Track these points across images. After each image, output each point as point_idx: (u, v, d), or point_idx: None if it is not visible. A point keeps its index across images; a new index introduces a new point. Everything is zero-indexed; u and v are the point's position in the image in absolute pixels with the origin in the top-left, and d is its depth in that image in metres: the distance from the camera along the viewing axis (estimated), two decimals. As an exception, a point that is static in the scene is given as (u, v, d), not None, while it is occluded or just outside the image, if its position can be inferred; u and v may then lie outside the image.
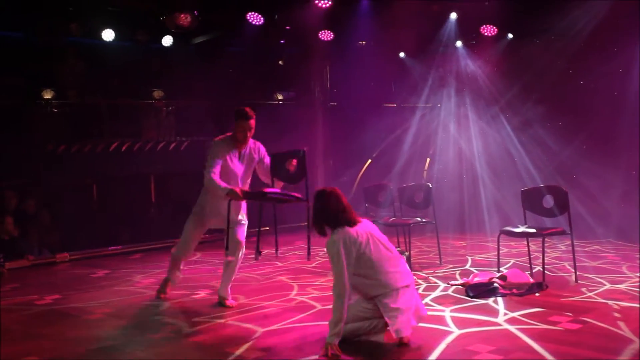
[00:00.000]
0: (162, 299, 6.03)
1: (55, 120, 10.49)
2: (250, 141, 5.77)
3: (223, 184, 5.46)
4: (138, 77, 11.22)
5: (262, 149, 5.93)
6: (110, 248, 9.22)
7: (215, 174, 5.53)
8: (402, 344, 4.35)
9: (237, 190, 5.39)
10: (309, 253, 5.40)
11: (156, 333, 4.87)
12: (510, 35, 10.65)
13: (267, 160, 5.88)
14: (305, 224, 5.11)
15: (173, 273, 6.12)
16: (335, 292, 4.29)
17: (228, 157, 5.67)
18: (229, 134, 5.80)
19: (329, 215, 4.46)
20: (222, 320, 5.19)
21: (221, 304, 5.60)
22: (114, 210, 10.59)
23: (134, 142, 11.06)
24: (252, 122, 5.65)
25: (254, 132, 5.74)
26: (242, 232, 5.77)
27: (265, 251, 5.72)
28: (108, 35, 9.96)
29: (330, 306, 5.04)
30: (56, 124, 10.48)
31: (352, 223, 4.43)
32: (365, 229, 4.46)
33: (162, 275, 7.31)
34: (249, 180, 5.87)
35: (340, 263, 4.27)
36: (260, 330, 4.84)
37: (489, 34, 10.53)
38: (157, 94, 11.58)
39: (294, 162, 5.63)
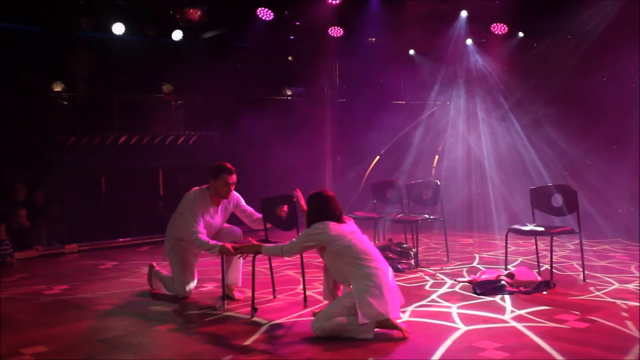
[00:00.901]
0: (155, 291, 6.04)
1: (65, 113, 10.55)
2: None
3: (212, 242, 5.35)
4: (147, 71, 11.24)
5: (237, 197, 5.78)
6: (118, 240, 9.27)
7: (202, 233, 5.40)
8: (402, 337, 4.39)
9: (229, 246, 5.23)
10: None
11: (163, 325, 4.89)
12: (520, 34, 10.61)
13: (244, 204, 5.78)
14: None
15: (160, 285, 6.05)
16: (282, 249, 4.80)
17: (207, 214, 5.55)
18: (204, 186, 5.63)
19: (323, 217, 4.71)
20: (229, 313, 5.20)
21: (229, 296, 5.60)
22: (123, 203, 10.64)
23: (142, 136, 11.11)
24: (235, 176, 5.54)
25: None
26: (233, 228, 5.80)
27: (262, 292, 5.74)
28: (118, 29, 9.98)
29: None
30: (66, 116, 10.54)
31: (339, 220, 4.75)
32: (350, 229, 4.72)
33: (169, 268, 7.35)
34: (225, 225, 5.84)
35: (302, 241, 4.70)
36: (266, 323, 4.85)
37: (500, 33, 10.49)
38: (167, 88, 11.61)
39: (285, 208, 5.47)
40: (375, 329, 4.47)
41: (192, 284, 5.81)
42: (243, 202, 5.83)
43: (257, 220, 5.80)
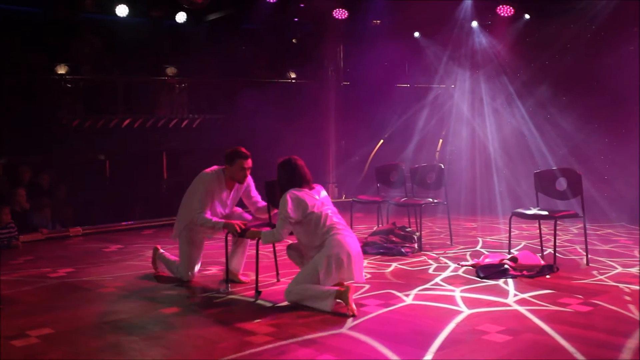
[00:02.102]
0: (160, 274, 6.04)
1: (69, 95, 10.55)
2: None
3: (215, 219, 5.37)
4: (151, 54, 11.22)
5: (249, 180, 5.73)
6: (122, 223, 9.30)
7: (207, 213, 5.40)
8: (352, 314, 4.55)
9: (236, 224, 5.25)
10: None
11: (167, 308, 4.91)
12: (527, 16, 10.52)
13: (253, 189, 5.75)
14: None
15: (164, 268, 6.04)
16: (274, 235, 4.91)
17: (219, 197, 5.53)
18: (216, 167, 5.59)
19: (294, 182, 4.94)
20: (233, 296, 5.23)
21: (233, 280, 5.62)
22: (127, 186, 10.68)
23: (146, 119, 11.11)
24: (250, 160, 5.51)
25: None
26: (244, 213, 5.78)
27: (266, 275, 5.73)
28: (122, 11, 9.95)
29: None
30: (70, 99, 10.54)
31: (308, 188, 4.96)
32: (314, 197, 4.90)
33: (174, 251, 7.38)
34: (231, 210, 5.78)
35: (283, 214, 4.80)
36: (270, 306, 4.88)
37: (506, 15, 10.41)
38: (170, 70, 11.60)
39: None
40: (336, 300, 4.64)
41: (196, 268, 5.82)
42: (253, 187, 5.80)
43: (261, 209, 5.79)
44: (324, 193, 5.06)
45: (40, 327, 4.43)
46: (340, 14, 10.96)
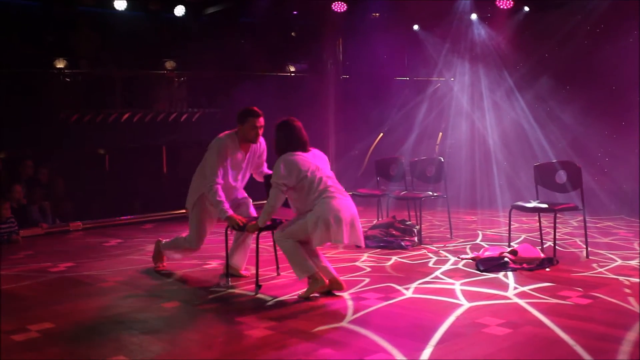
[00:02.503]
0: (160, 269, 6.01)
1: (68, 89, 10.53)
2: None
3: (226, 206, 5.30)
4: (150, 48, 11.19)
5: (264, 145, 5.70)
6: (122, 218, 9.31)
7: (220, 184, 5.35)
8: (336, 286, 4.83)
9: (238, 220, 5.21)
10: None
11: (168, 302, 4.92)
12: (526, 8, 10.50)
13: (265, 157, 5.71)
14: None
15: (171, 254, 6.01)
16: (270, 205, 4.89)
17: (234, 159, 5.48)
18: (232, 130, 5.53)
19: (290, 144, 4.96)
20: (234, 290, 5.23)
21: (235, 275, 5.61)
22: (126, 181, 10.67)
23: (145, 113, 11.08)
24: (262, 119, 5.46)
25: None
26: (251, 208, 5.74)
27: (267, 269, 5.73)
28: (120, 4, 9.92)
29: (341, 278, 5.13)
30: (68, 93, 10.52)
31: (303, 151, 4.97)
32: (310, 160, 4.91)
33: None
34: (248, 175, 5.74)
35: (276, 181, 4.82)
36: (271, 300, 4.89)
37: (505, 7, 10.39)
38: (169, 64, 11.57)
39: None
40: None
41: (204, 238, 5.75)
42: (265, 155, 5.71)
43: (263, 174, 5.72)
44: (320, 156, 5.06)
45: (41, 321, 4.44)
46: (339, 7, 10.94)
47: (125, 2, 9.90)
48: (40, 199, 8.81)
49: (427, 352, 3.70)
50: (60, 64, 10.45)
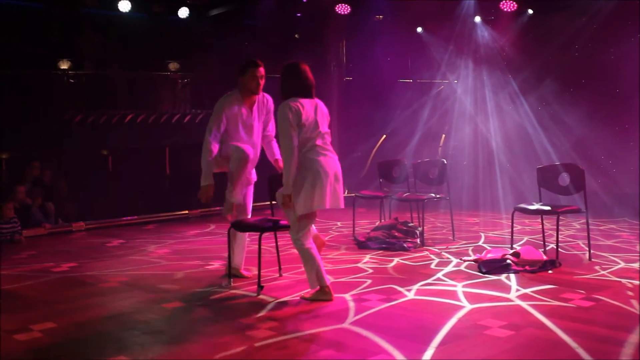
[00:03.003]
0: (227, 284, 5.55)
1: (72, 91, 10.55)
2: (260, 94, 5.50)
3: (210, 168, 5.34)
4: (154, 49, 11.20)
5: (271, 103, 5.63)
6: (125, 218, 9.32)
7: (216, 138, 5.34)
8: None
9: (207, 196, 5.27)
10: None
11: (170, 303, 4.92)
12: (530, 11, 10.49)
13: (272, 118, 5.61)
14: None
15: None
16: (284, 155, 4.79)
17: (240, 115, 5.40)
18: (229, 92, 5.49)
19: (297, 89, 4.89)
20: (236, 291, 5.24)
21: (236, 274, 5.61)
22: (129, 181, 10.68)
23: (149, 114, 11.10)
24: (263, 69, 5.42)
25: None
26: (250, 199, 5.67)
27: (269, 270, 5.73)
28: (124, 6, 9.94)
29: (343, 279, 5.12)
30: (72, 95, 10.54)
31: (307, 96, 4.91)
32: (307, 110, 4.84)
33: (176, 246, 7.41)
34: (259, 136, 5.60)
35: (286, 125, 4.74)
36: (272, 301, 4.89)
37: (509, 10, 10.38)
38: (173, 66, 11.58)
39: None
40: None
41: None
42: (272, 116, 5.59)
43: (269, 143, 5.65)
44: (321, 109, 5.00)
45: (43, 321, 4.45)
46: (342, 9, 10.94)
47: (129, 3, 9.92)
48: (40, 199, 8.82)
49: (428, 353, 3.70)
50: (64, 65, 10.47)
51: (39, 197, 8.82)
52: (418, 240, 7.05)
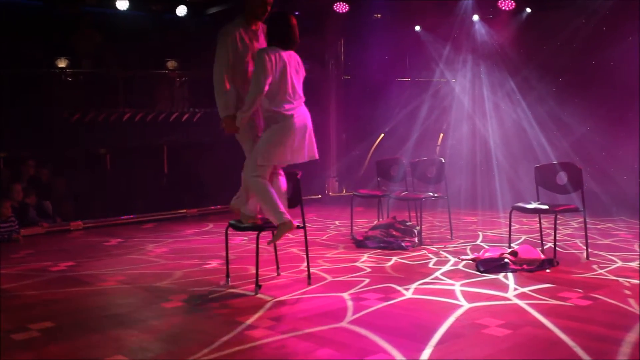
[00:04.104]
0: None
1: (70, 89, 10.53)
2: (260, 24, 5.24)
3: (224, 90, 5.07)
4: (152, 47, 11.19)
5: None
6: (123, 217, 9.31)
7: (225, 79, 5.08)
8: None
9: (228, 123, 5.06)
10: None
11: (167, 302, 4.92)
12: (528, 10, 10.50)
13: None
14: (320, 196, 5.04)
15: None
16: (251, 91, 4.88)
17: (250, 49, 5.12)
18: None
19: (281, 40, 4.97)
20: (233, 290, 5.24)
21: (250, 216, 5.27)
22: (127, 180, 10.67)
23: (147, 113, 11.09)
24: None
25: None
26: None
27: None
28: (122, 4, 9.93)
29: (341, 278, 5.12)
30: (70, 93, 10.52)
31: (288, 48, 5.00)
32: (284, 61, 4.92)
33: (174, 245, 7.41)
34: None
35: (260, 69, 4.83)
36: (271, 300, 4.89)
37: (507, 8, 10.39)
38: (171, 64, 11.57)
39: (289, 185, 5.36)
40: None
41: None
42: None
43: None
44: (297, 62, 5.06)
45: (41, 320, 4.44)
46: (341, 7, 10.94)
47: (127, 2, 9.91)
48: (34, 197, 8.80)
49: (426, 352, 3.70)
50: (62, 64, 10.46)
51: (32, 195, 8.78)
52: (416, 239, 7.06)
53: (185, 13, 10.46)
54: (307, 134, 5.09)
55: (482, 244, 7.05)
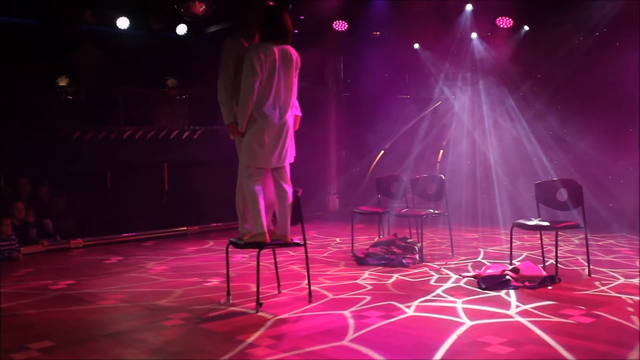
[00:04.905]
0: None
1: (70, 107, 10.58)
2: None
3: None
4: (152, 66, 11.25)
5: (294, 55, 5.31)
6: (123, 235, 9.30)
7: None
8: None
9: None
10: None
11: (168, 320, 4.90)
12: (526, 28, 10.56)
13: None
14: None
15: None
16: (242, 95, 4.95)
17: (242, 49, 5.11)
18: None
19: (271, 33, 4.97)
20: (234, 308, 5.21)
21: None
22: (128, 198, 10.67)
23: (147, 130, 11.12)
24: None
25: None
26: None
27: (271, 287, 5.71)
28: (123, 23, 10.00)
29: (342, 296, 5.10)
30: (71, 111, 10.57)
31: (278, 42, 4.99)
32: (282, 54, 4.96)
33: (174, 263, 7.39)
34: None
35: (250, 71, 4.88)
36: (271, 318, 4.86)
37: (505, 26, 10.46)
38: (171, 82, 11.63)
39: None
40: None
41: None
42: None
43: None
44: (291, 58, 5.04)
45: (41, 339, 4.41)
46: (340, 25, 11.01)
47: (127, 20, 9.98)
48: (48, 218, 8.80)
49: (429, 371, 3.68)
50: (62, 82, 10.50)
51: (31, 213, 8.76)
52: (417, 256, 7.04)
53: (185, 32, 10.53)
54: (286, 136, 5.11)
55: (483, 260, 7.03)
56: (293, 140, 5.25)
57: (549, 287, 5.67)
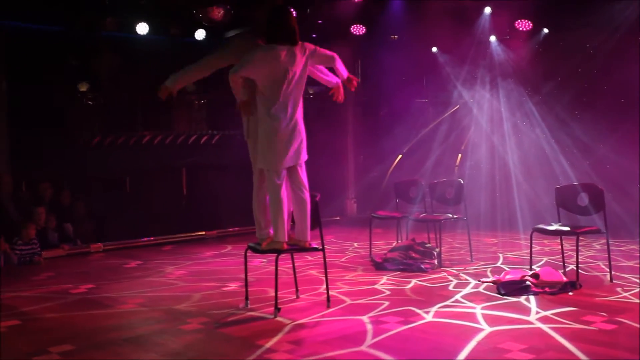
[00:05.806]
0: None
1: (90, 113, 10.68)
2: None
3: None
4: (171, 71, 11.25)
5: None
6: (142, 239, 9.35)
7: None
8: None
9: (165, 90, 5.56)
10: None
11: (187, 325, 4.92)
12: (545, 30, 10.47)
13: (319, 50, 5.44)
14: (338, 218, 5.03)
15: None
16: (200, 62, 5.25)
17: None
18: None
19: (276, 35, 4.95)
20: (253, 313, 5.22)
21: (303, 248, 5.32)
22: (147, 202, 10.73)
23: (166, 135, 11.19)
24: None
25: None
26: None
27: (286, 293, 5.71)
28: (142, 29, 10.07)
29: (361, 301, 5.08)
30: (91, 116, 10.67)
31: (287, 43, 4.94)
32: (279, 60, 4.89)
33: (193, 267, 7.42)
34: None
35: (248, 61, 4.90)
36: (290, 323, 4.86)
37: (524, 29, 10.37)
38: (189, 87, 11.67)
39: None
40: None
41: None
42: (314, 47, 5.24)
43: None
44: (300, 61, 5.03)
45: (61, 343, 4.45)
46: (358, 29, 11.00)
47: (147, 26, 10.05)
48: (55, 221, 8.86)
49: (448, 377, 3.65)
50: (82, 88, 10.61)
51: (53, 218, 8.84)
52: (435, 262, 7.00)
53: (204, 37, 10.58)
54: (298, 133, 5.19)
55: (502, 266, 6.98)
56: (305, 136, 5.28)
57: (570, 293, 5.60)
